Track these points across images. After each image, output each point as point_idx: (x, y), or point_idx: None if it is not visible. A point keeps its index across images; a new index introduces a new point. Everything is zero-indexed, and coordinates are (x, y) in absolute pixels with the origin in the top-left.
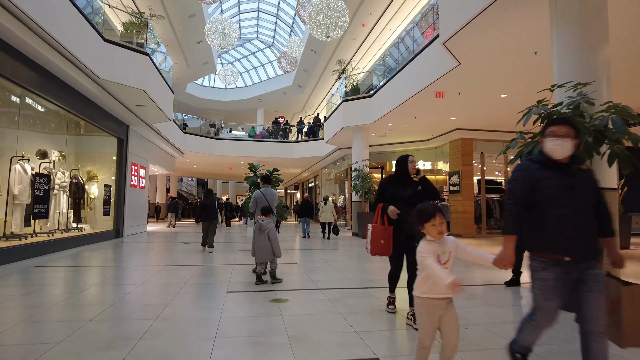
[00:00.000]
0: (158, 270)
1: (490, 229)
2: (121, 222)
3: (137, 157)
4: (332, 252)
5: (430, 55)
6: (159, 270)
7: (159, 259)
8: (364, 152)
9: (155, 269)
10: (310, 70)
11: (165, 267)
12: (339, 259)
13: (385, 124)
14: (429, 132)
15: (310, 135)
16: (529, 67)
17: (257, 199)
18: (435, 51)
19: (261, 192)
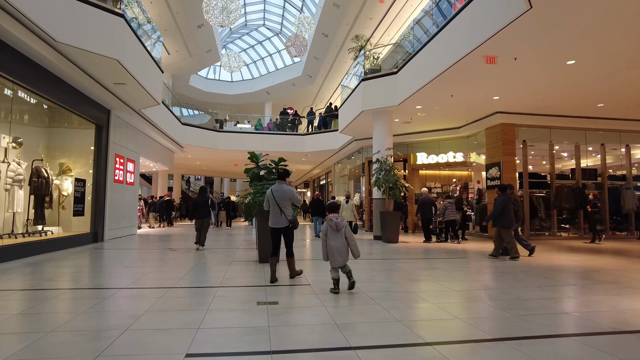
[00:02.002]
0: (109, 297)
1: (534, 230)
2: (100, 223)
3: (122, 149)
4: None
5: (484, 2)
6: (108, 298)
7: (126, 275)
8: (386, 141)
9: (111, 292)
10: (321, 58)
11: (122, 292)
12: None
13: (413, 105)
14: (462, 117)
15: (322, 128)
16: (621, 21)
17: (267, 196)
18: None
19: (271, 189)
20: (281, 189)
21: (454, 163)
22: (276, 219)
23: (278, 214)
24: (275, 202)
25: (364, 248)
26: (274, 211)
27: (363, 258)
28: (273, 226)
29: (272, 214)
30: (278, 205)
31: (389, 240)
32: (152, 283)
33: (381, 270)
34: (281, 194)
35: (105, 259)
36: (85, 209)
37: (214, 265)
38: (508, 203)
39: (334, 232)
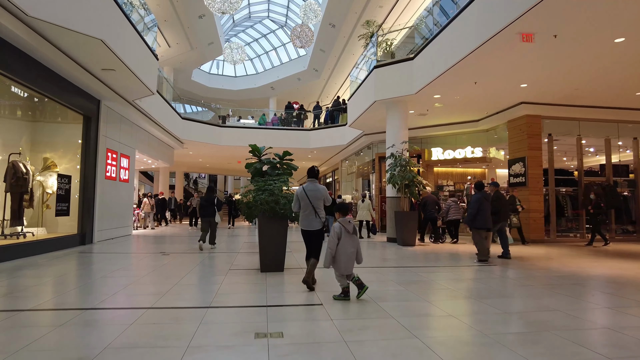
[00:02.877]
0: (64, 324)
1: (560, 231)
2: (89, 224)
3: (115, 143)
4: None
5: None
6: (63, 325)
7: (100, 288)
8: (401, 134)
9: (70, 316)
10: (328, 50)
11: (84, 316)
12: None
13: (431, 95)
14: (482, 108)
15: (329, 123)
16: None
17: (298, 195)
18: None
19: (303, 188)
20: (316, 188)
21: (472, 159)
22: (310, 221)
23: (312, 216)
24: (309, 202)
25: (377, 252)
26: (307, 213)
27: (378, 265)
28: (306, 229)
29: (304, 216)
30: (312, 206)
31: (405, 243)
32: (127, 301)
33: (406, 283)
34: (316, 194)
35: (85, 265)
36: (71, 208)
37: (208, 274)
38: (484, 202)
39: (348, 236)
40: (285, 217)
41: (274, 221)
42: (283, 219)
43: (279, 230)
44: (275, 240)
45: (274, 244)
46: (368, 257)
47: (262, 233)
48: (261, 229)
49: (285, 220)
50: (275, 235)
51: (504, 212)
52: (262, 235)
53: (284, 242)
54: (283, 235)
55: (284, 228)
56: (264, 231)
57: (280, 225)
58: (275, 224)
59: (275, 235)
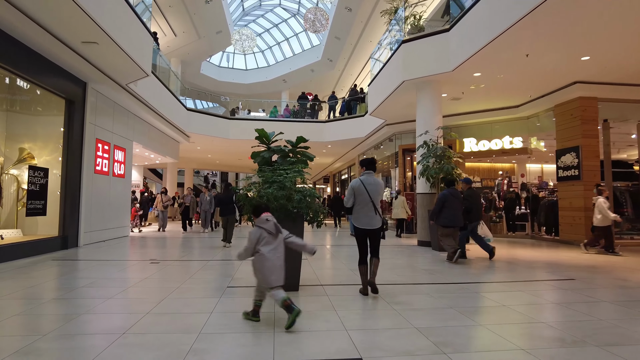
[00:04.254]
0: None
1: (619, 234)
2: (74, 224)
3: (107, 133)
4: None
5: None
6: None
7: (48, 316)
8: (435, 119)
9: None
10: (343, 37)
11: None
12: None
13: (471, 73)
14: (526, 90)
15: (346, 114)
16: None
17: (354, 189)
18: None
19: (360, 180)
20: (375, 182)
21: (511, 150)
22: (369, 218)
23: (372, 213)
24: (369, 198)
25: (410, 260)
26: (366, 209)
27: (422, 282)
28: (365, 227)
29: (361, 213)
30: (372, 202)
31: (442, 248)
32: (64, 345)
33: (478, 312)
34: (376, 188)
35: (46, 279)
36: (49, 207)
37: (198, 294)
38: (450, 199)
39: (272, 239)
40: (300, 217)
41: (285, 223)
42: (297, 220)
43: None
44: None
45: (286, 254)
46: (400, 267)
47: None
48: None
49: (301, 221)
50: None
51: (476, 210)
52: None
53: (299, 253)
54: None
55: (298, 231)
56: None
57: (293, 228)
58: (288, 227)
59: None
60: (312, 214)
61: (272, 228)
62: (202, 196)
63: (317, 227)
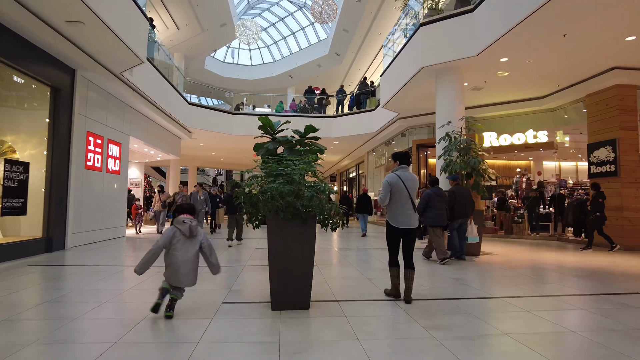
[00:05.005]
0: None
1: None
2: (60, 225)
3: (100, 126)
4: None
5: None
6: None
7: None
8: (457, 109)
9: None
10: (352, 30)
11: None
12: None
13: (498, 57)
14: (555, 78)
15: (355, 109)
16: None
17: (392, 185)
18: None
19: (397, 175)
20: (412, 177)
21: (535, 145)
22: (408, 216)
23: (410, 210)
24: (408, 194)
25: (434, 268)
26: (405, 207)
27: (452, 297)
28: (404, 227)
29: (399, 212)
30: (411, 199)
31: (468, 252)
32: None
33: (542, 341)
34: (413, 183)
35: (18, 288)
36: (30, 206)
37: (186, 314)
38: (434, 199)
39: (184, 240)
40: (311, 217)
41: (293, 226)
42: (308, 221)
43: (303, 241)
44: (296, 258)
45: (293, 264)
46: (423, 275)
47: (273, 247)
48: (273, 241)
49: (312, 223)
50: (296, 249)
51: (460, 208)
52: (273, 251)
53: (310, 262)
54: (309, 249)
55: (310, 237)
56: (276, 244)
57: (304, 232)
58: (296, 230)
59: (296, 249)
60: (326, 214)
61: (187, 231)
62: (195, 195)
63: (332, 229)
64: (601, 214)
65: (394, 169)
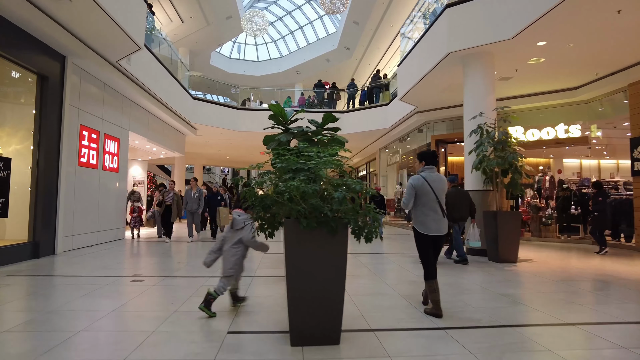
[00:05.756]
0: None
1: None
2: (49, 228)
3: (95, 119)
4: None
5: None
6: None
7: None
8: (487, 100)
9: None
10: (362, 22)
11: None
12: None
13: (535, 41)
14: (594, 66)
15: (367, 104)
16: None
17: (416, 188)
18: None
19: (423, 177)
20: (439, 178)
21: (567, 140)
22: (437, 222)
23: (439, 215)
24: (435, 197)
25: (471, 276)
26: (433, 212)
27: (513, 324)
28: (434, 233)
29: (428, 217)
30: (439, 202)
31: (504, 259)
32: None
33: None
34: (441, 185)
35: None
36: (12, 206)
37: (180, 350)
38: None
39: (232, 232)
40: (343, 227)
41: (319, 238)
42: (337, 230)
43: (332, 256)
44: (324, 279)
45: (319, 287)
46: (468, 290)
47: (293, 264)
48: (292, 256)
49: (344, 234)
50: (324, 268)
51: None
52: (293, 270)
53: (341, 283)
54: (340, 268)
55: (341, 252)
56: (296, 260)
57: (333, 245)
58: (323, 243)
59: (324, 268)
60: (361, 221)
61: (232, 224)
62: (188, 193)
63: (367, 240)
64: (601, 214)
65: (419, 170)
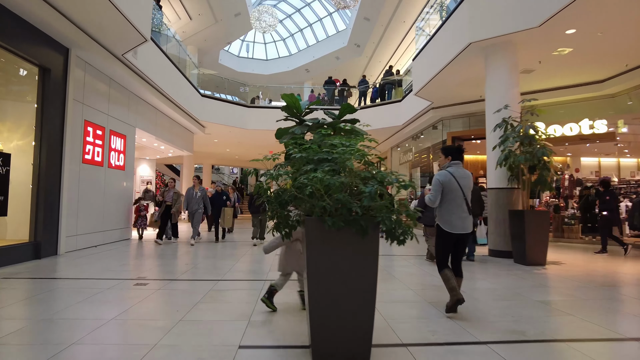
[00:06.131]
0: None
1: None
2: (51, 227)
3: (100, 114)
4: None
5: None
6: None
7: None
8: (511, 93)
9: None
10: (373, 18)
11: None
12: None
13: (564, 29)
14: (622, 56)
15: (378, 100)
16: None
17: (443, 184)
18: None
19: (450, 173)
20: (466, 174)
21: (592, 136)
22: (463, 220)
23: (466, 213)
24: (462, 194)
25: (501, 280)
26: (459, 209)
27: (541, 338)
28: (457, 232)
29: (453, 215)
30: (465, 199)
31: (532, 261)
32: None
33: None
34: (468, 182)
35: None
36: (11, 204)
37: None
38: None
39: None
40: (374, 227)
41: (346, 239)
42: (370, 233)
43: (362, 261)
44: (352, 288)
45: (347, 296)
46: (502, 296)
47: (315, 269)
48: (314, 260)
49: (375, 235)
50: (352, 274)
51: None
52: (315, 276)
53: (372, 292)
54: (371, 274)
55: (372, 256)
56: (319, 265)
57: (363, 248)
58: (352, 245)
59: (352, 274)
60: (395, 221)
61: None
62: (190, 191)
63: (400, 243)
64: (609, 213)
65: (444, 165)
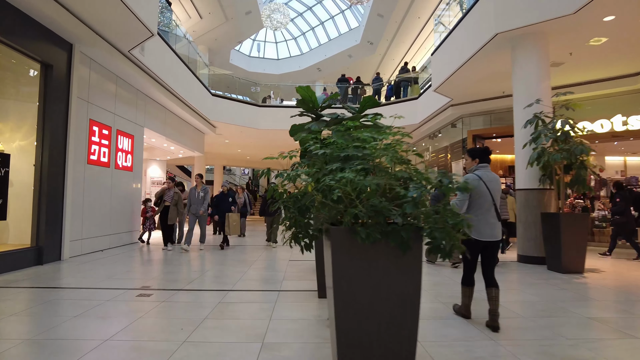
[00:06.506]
0: None
1: None
2: (55, 231)
3: (106, 113)
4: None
5: None
6: None
7: None
8: (541, 87)
9: None
10: (387, 14)
11: None
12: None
13: (602, 16)
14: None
15: (393, 99)
16: None
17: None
18: None
19: (478, 176)
20: (495, 177)
21: (625, 133)
22: (491, 227)
23: (494, 219)
24: (491, 199)
25: (536, 290)
26: (488, 215)
27: None
28: (485, 239)
29: (482, 221)
30: (494, 204)
31: (568, 269)
32: None
33: None
34: (497, 186)
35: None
36: (11, 208)
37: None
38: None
39: None
40: (416, 240)
41: (383, 254)
42: (408, 244)
43: (403, 283)
44: (390, 314)
45: (384, 323)
46: (542, 309)
47: (344, 290)
48: (343, 279)
49: (419, 250)
50: (391, 298)
51: None
52: (344, 298)
53: (414, 318)
54: (413, 299)
55: (414, 275)
56: (349, 285)
57: (405, 266)
58: (391, 262)
59: (391, 298)
60: (447, 233)
61: None
62: (192, 192)
63: (445, 258)
64: (621, 217)
65: (471, 168)
